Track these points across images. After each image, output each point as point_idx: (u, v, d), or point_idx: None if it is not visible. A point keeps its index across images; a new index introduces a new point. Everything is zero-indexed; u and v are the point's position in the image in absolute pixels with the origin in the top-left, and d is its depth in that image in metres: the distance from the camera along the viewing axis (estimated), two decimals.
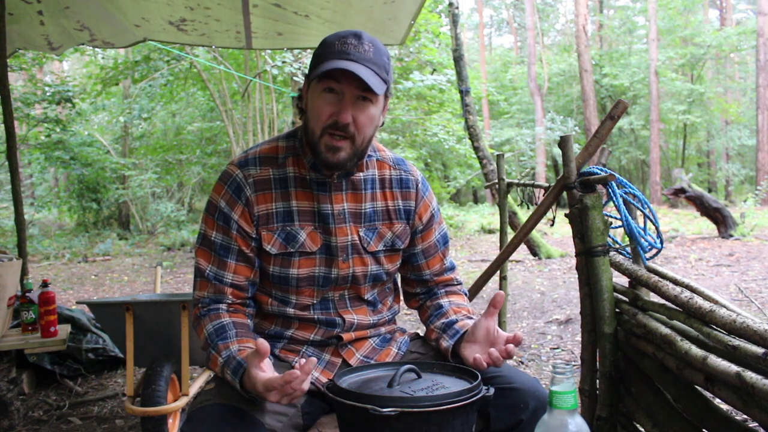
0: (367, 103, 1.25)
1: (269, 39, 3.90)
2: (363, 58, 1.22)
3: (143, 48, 9.49)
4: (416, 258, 1.47)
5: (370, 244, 1.38)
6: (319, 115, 1.25)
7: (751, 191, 15.06)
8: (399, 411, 1.02)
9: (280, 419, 1.21)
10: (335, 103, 1.24)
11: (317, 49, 1.27)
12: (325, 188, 1.35)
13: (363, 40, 1.24)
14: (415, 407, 1.04)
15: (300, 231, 1.33)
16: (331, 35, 1.27)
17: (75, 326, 3.45)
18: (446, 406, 1.04)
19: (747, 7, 29.17)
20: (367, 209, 1.39)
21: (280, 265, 1.34)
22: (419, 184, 1.46)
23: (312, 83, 1.27)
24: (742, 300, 4.79)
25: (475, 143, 8.07)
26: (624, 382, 1.78)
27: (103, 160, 13.30)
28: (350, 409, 1.08)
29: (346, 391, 1.09)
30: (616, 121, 1.78)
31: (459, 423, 1.08)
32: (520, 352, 3.81)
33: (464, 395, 1.07)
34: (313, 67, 1.25)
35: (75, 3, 3.32)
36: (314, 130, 1.27)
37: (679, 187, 9.20)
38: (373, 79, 1.21)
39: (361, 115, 1.25)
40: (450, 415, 1.05)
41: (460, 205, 20.66)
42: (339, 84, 1.23)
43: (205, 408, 1.19)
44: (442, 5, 11.01)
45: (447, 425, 1.06)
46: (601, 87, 21.58)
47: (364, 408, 1.03)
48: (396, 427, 1.04)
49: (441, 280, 1.51)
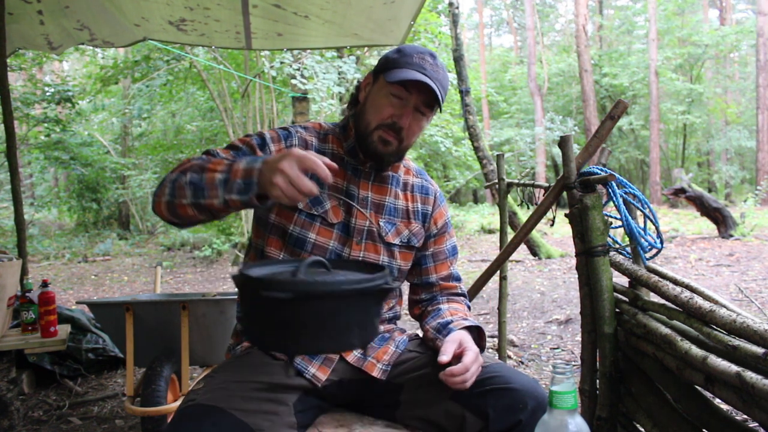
0: (424, 116, 1.38)
1: (269, 39, 3.89)
2: (434, 77, 1.34)
3: (143, 48, 9.50)
4: (426, 261, 1.54)
5: (389, 234, 1.45)
6: (380, 111, 1.36)
7: (751, 191, 15.06)
8: (292, 295, 1.00)
9: (270, 418, 1.19)
10: (399, 106, 1.35)
11: (393, 54, 1.38)
12: (356, 173, 1.43)
13: (437, 61, 1.37)
14: (305, 291, 1.02)
15: (326, 200, 1.40)
16: (409, 46, 1.39)
17: (75, 326, 3.45)
18: (336, 290, 1.02)
19: (747, 7, 29.19)
20: (390, 203, 1.48)
21: (301, 226, 1.38)
22: (437, 194, 1.58)
23: (380, 81, 1.37)
24: (742, 300, 4.79)
25: (475, 143, 8.07)
26: (624, 382, 1.78)
27: (102, 159, 13.31)
28: (246, 292, 1.07)
29: (246, 277, 1.08)
30: (616, 121, 1.78)
31: (354, 312, 1.06)
32: (520, 352, 3.81)
33: (360, 283, 1.06)
34: (387, 68, 1.35)
35: (75, 2, 3.31)
36: (370, 123, 1.37)
37: (679, 187, 9.21)
38: (440, 97, 1.34)
39: (415, 124, 1.38)
40: (343, 302, 1.04)
41: (460, 205, 20.67)
42: (408, 93, 1.34)
43: (188, 408, 1.17)
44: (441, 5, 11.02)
45: (341, 312, 1.04)
46: (600, 87, 21.59)
47: (256, 291, 1.02)
48: (287, 310, 1.02)
49: (446, 287, 1.56)
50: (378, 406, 1.39)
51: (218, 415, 1.14)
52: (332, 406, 1.41)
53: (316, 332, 1.06)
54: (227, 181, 1.14)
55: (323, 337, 1.06)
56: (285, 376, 1.30)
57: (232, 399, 1.17)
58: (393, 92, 1.34)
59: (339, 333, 1.07)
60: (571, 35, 24.61)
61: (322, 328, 1.05)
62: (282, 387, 1.28)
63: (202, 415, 1.14)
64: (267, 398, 1.23)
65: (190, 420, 1.13)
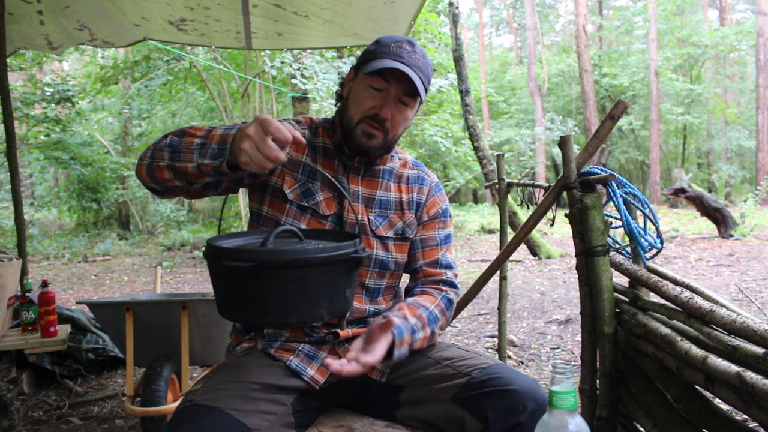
0: (407, 105, 1.36)
1: (269, 39, 3.89)
2: (414, 64, 1.32)
3: (143, 47, 9.50)
4: (414, 246, 1.51)
5: (379, 228, 1.44)
6: (361, 105, 1.35)
7: (751, 191, 15.06)
8: (252, 264, 0.97)
9: (267, 418, 1.18)
10: (379, 98, 1.34)
11: (371, 46, 1.37)
12: (346, 168, 1.44)
13: (416, 48, 1.34)
14: (268, 260, 0.99)
15: (319, 192, 1.40)
16: (387, 37, 1.37)
17: (75, 326, 3.45)
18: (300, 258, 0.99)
19: (746, 7, 29.18)
20: (381, 197, 1.47)
21: (293, 217, 1.38)
22: (433, 184, 1.56)
23: (360, 75, 1.36)
24: (742, 300, 4.79)
25: (475, 143, 8.07)
26: (624, 382, 1.78)
27: (102, 159, 13.30)
28: (212, 263, 1.04)
29: (210, 246, 1.07)
30: (616, 121, 1.77)
31: (322, 281, 1.03)
32: (520, 352, 3.81)
33: (326, 251, 1.03)
34: (365, 61, 1.35)
35: (75, 2, 3.31)
36: (353, 117, 1.37)
37: (679, 187, 9.21)
38: (419, 83, 1.31)
39: (398, 115, 1.36)
40: (308, 271, 1.00)
41: (460, 205, 20.66)
42: (387, 83, 1.33)
43: (186, 409, 1.16)
44: (441, 5, 11.02)
45: (306, 282, 1.01)
46: (600, 87, 21.59)
47: (220, 260, 0.99)
48: (250, 280, 1.00)
49: (429, 273, 1.49)
50: (377, 407, 1.39)
51: (216, 416, 1.13)
52: (331, 406, 1.41)
53: (280, 303, 1.02)
54: (203, 146, 1.14)
55: (289, 307, 1.02)
56: (283, 377, 1.30)
57: (229, 399, 1.17)
58: (373, 84, 1.33)
59: (306, 304, 1.03)
60: (571, 35, 24.61)
61: (287, 298, 1.02)
62: (280, 388, 1.27)
63: (200, 416, 1.13)
64: (265, 398, 1.22)
65: (188, 420, 1.13)
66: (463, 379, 1.28)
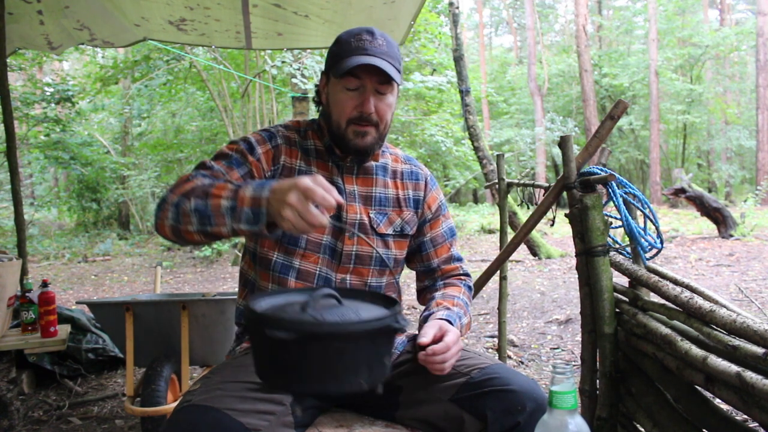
0: (386, 92, 1.35)
1: (269, 39, 3.89)
2: (379, 52, 1.31)
3: (143, 47, 9.50)
4: (425, 247, 1.53)
5: (380, 225, 1.44)
6: (343, 109, 1.35)
7: (751, 191, 15.06)
8: (295, 335, 0.96)
9: (266, 418, 1.18)
10: (357, 97, 1.34)
11: (333, 47, 1.36)
12: (339, 168, 1.44)
13: (376, 35, 1.33)
14: (311, 332, 0.98)
15: None
16: (344, 33, 1.36)
17: (75, 326, 3.45)
18: (343, 330, 0.99)
19: (746, 8, 29.19)
20: (378, 193, 1.47)
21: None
22: (428, 178, 1.56)
23: (332, 79, 1.36)
24: (742, 300, 4.79)
25: (475, 143, 8.07)
26: (624, 382, 1.77)
27: (102, 159, 13.31)
28: (252, 326, 1.04)
29: (251, 312, 1.06)
30: (616, 121, 1.77)
31: (363, 353, 1.02)
32: (520, 352, 3.81)
33: (368, 323, 1.02)
34: (332, 65, 1.34)
35: (75, 2, 3.31)
36: (339, 122, 1.36)
37: (679, 187, 9.21)
38: (391, 70, 1.30)
39: (381, 104, 1.36)
40: (350, 343, 1.00)
41: (460, 205, 20.67)
42: (359, 79, 1.32)
43: (184, 409, 1.16)
44: (441, 5, 11.02)
45: (347, 353, 1.00)
46: (600, 87, 21.59)
47: (260, 328, 0.99)
48: (292, 350, 0.99)
49: (448, 270, 1.55)
50: (377, 407, 1.39)
51: (213, 415, 1.12)
52: (331, 406, 1.41)
53: (321, 373, 1.01)
54: (234, 209, 1.12)
55: (329, 378, 1.02)
56: None
57: (227, 399, 1.17)
58: (347, 86, 1.33)
59: (346, 374, 1.02)
60: (571, 35, 24.62)
61: (327, 369, 1.01)
62: None
63: (198, 416, 1.13)
64: (263, 398, 1.22)
65: (185, 420, 1.12)
66: (462, 379, 1.28)
